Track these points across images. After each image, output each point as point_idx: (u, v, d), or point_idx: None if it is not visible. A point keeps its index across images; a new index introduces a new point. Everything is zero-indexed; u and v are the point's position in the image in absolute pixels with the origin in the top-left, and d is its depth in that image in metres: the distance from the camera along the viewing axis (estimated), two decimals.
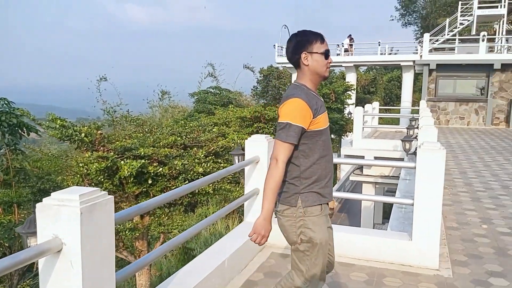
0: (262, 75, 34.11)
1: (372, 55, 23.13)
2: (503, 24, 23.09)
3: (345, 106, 16.23)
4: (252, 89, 34.86)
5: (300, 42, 2.28)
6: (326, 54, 2.30)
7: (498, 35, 22.85)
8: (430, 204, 3.77)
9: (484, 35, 19.08)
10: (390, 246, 4.01)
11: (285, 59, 22.97)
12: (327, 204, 2.39)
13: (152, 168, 5.28)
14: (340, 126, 17.08)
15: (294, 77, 23.61)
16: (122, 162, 5.30)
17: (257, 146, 4.16)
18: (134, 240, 7.00)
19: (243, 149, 4.72)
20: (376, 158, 11.81)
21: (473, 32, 23.01)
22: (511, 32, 26.39)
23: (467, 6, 23.38)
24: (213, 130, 7.13)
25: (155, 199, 2.70)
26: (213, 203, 13.87)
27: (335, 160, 3.90)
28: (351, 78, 22.71)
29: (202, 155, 5.90)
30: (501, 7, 22.76)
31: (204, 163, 5.77)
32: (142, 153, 5.37)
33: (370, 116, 14.85)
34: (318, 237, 2.25)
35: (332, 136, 18.25)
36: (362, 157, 11.52)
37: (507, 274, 3.86)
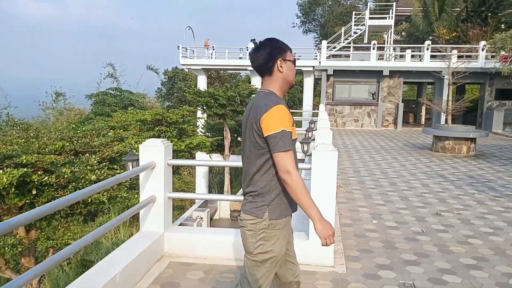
0: (166, 76, 33.35)
1: None
2: (391, 34, 25.34)
3: None
4: (156, 91, 33.91)
5: (276, 49, 2.26)
6: (294, 63, 2.34)
7: (387, 44, 25.00)
8: (325, 203, 3.89)
9: (374, 44, 20.72)
10: None
11: (190, 61, 22.68)
12: (291, 215, 2.36)
13: (37, 177, 4.77)
14: None
15: (201, 79, 23.42)
16: (1, 171, 4.72)
17: (153, 150, 3.95)
18: (20, 257, 6.30)
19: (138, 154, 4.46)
20: None
21: (366, 40, 24.91)
22: (397, 41, 29.08)
23: (360, 16, 25.22)
24: (109, 134, 6.70)
25: (32, 212, 2.38)
26: (115, 211, 13.14)
27: (235, 163, 3.86)
28: (256, 82, 23.15)
29: (95, 161, 5.49)
30: (389, 18, 24.94)
31: (97, 170, 5.37)
32: (25, 160, 4.83)
33: None
34: (276, 250, 2.24)
35: (239, 138, 18.41)
36: None
37: (393, 266, 4.14)
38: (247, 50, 24.16)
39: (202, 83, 23.36)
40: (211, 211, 13.49)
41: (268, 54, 2.24)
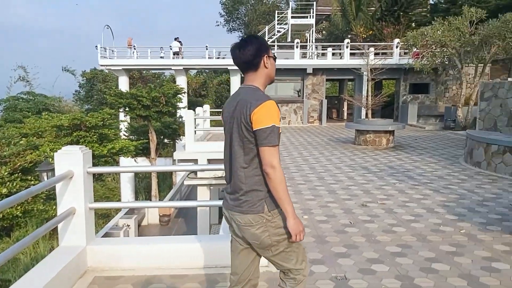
0: (85, 78, 31.62)
1: (201, 58, 23.58)
2: (312, 33, 26.17)
3: (176, 109, 16.10)
4: (74, 94, 32.04)
5: (263, 45, 2.32)
6: (275, 60, 2.40)
7: (309, 42, 25.79)
8: None
9: (298, 43, 21.26)
10: (223, 249, 3.96)
11: (110, 61, 21.68)
12: None
13: None
14: (173, 130, 16.88)
15: (122, 80, 22.47)
16: None
17: (70, 158, 3.63)
18: None
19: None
20: (210, 160, 11.97)
21: (289, 39, 25.49)
22: (319, 40, 30.11)
23: (283, 15, 25.75)
24: (21, 142, 6.12)
25: None
26: (33, 224, 12.16)
27: (170, 168, 3.67)
28: (181, 81, 22.72)
29: (6, 173, 4.97)
30: (310, 17, 25.73)
31: (9, 183, 4.87)
32: None
33: (202, 119, 15.03)
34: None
35: (166, 140, 17.93)
36: (196, 161, 11.55)
37: (325, 260, 4.20)
38: (171, 49, 23.64)
39: (123, 84, 22.47)
40: (138, 218, 12.99)
41: (255, 50, 2.29)
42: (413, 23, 25.97)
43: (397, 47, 21.09)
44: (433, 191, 7.05)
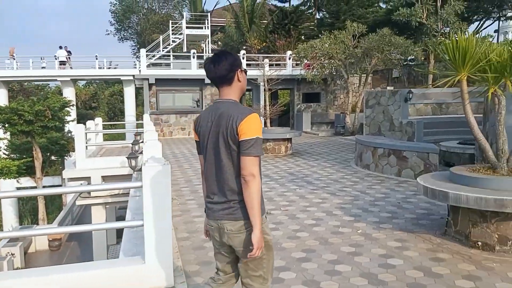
0: None
1: (90, 69, 22.20)
2: (208, 43, 26.25)
3: (64, 124, 14.87)
4: None
5: (237, 60, 2.44)
6: (246, 74, 2.53)
7: (206, 53, 25.83)
8: (160, 223, 3.61)
9: (194, 53, 21.13)
10: (124, 275, 3.65)
11: None
12: None
13: None
14: (61, 146, 15.56)
15: (0, 93, 20.19)
16: None
17: None
18: None
19: None
20: (104, 177, 11.22)
21: (185, 49, 25.24)
22: (215, 50, 30.25)
23: (177, 25, 25.45)
24: None
25: None
26: None
27: (57, 190, 3.26)
28: (69, 93, 21.13)
29: None
30: (205, 28, 25.79)
31: None
32: None
33: (94, 133, 14.07)
34: (270, 238, 2.46)
35: (53, 157, 16.45)
36: (89, 178, 10.75)
37: None
38: (56, 58, 21.92)
39: (2, 97, 20.26)
40: (24, 244, 11.66)
41: (230, 65, 2.40)
42: (303, 36, 27.50)
43: (289, 58, 22.10)
44: (330, 194, 7.40)
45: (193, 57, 20.92)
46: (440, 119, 11.53)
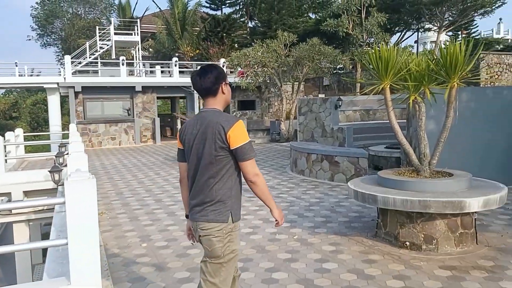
0: None
1: (9, 76, 20.64)
2: (138, 50, 25.54)
3: None
4: None
5: (221, 74, 2.62)
6: (231, 86, 2.73)
7: (136, 60, 25.09)
8: (86, 240, 3.37)
9: (123, 60, 20.42)
10: None
11: None
12: None
13: None
14: None
15: None
16: None
17: None
18: None
19: None
20: (26, 192, 10.41)
21: (113, 56, 24.34)
22: (146, 57, 29.58)
23: (105, 31, 24.50)
24: None
25: None
26: None
27: None
28: None
29: None
30: (134, 34, 25.08)
31: None
32: None
33: (14, 145, 13.05)
34: (238, 248, 2.62)
35: None
36: (9, 194, 9.90)
37: None
38: None
39: None
40: None
41: (214, 78, 2.58)
42: (236, 44, 27.70)
43: (223, 66, 22.12)
44: None
45: (123, 64, 20.21)
46: (368, 125, 12.10)
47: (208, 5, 31.24)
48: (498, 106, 7.77)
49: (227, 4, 31.32)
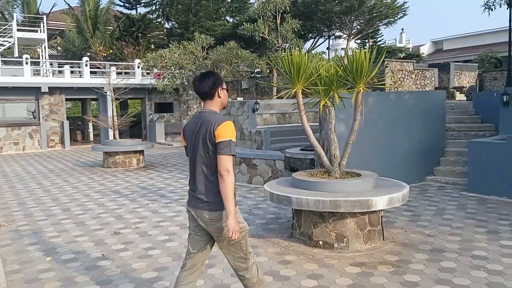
0: None
1: None
2: (45, 48, 23.76)
3: None
4: None
5: (218, 79, 2.95)
6: (227, 91, 3.03)
7: (42, 59, 23.32)
8: None
9: (27, 58, 18.85)
10: None
11: None
12: None
13: None
14: None
15: None
16: None
17: None
18: None
19: None
20: None
21: (16, 54, 22.40)
22: (54, 56, 27.63)
23: (6, 27, 22.46)
24: None
25: None
26: None
27: None
28: None
29: None
30: (41, 31, 23.31)
31: None
32: None
33: None
34: (245, 224, 2.94)
35: None
36: None
37: None
38: None
39: None
40: None
41: (212, 83, 2.91)
42: (152, 45, 26.95)
43: (138, 67, 21.38)
44: (185, 206, 7.27)
45: (26, 63, 18.65)
46: (284, 128, 12.41)
47: (122, 4, 30.05)
48: (400, 110, 8.41)
49: (143, 4, 30.37)
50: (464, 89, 18.92)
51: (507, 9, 14.49)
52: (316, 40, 26.20)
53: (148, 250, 5.09)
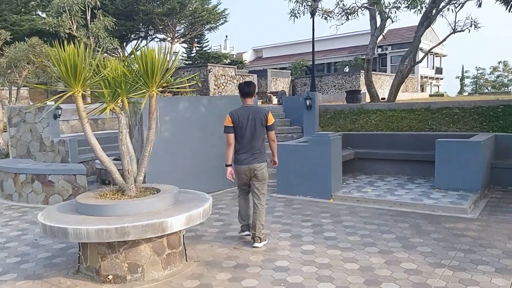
0: None
1: None
2: None
3: None
4: None
5: (255, 86, 5.40)
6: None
7: None
8: None
9: None
10: None
11: None
12: None
13: None
14: None
15: None
16: None
17: None
18: None
19: None
20: None
21: None
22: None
23: None
24: None
25: None
26: None
27: None
28: None
29: None
30: None
31: None
32: None
33: None
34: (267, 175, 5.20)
35: None
36: None
37: None
38: None
39: None
40: None
41: (254, 88, 5.12)
42: None
43: None
44: None
45: None
46: (96, 135, 11.08)
47: None
48: (212, 115, 8.07)
49: None
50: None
51: (310, 18, 15.80)
52: (139, 41, 25.03)
53: None
